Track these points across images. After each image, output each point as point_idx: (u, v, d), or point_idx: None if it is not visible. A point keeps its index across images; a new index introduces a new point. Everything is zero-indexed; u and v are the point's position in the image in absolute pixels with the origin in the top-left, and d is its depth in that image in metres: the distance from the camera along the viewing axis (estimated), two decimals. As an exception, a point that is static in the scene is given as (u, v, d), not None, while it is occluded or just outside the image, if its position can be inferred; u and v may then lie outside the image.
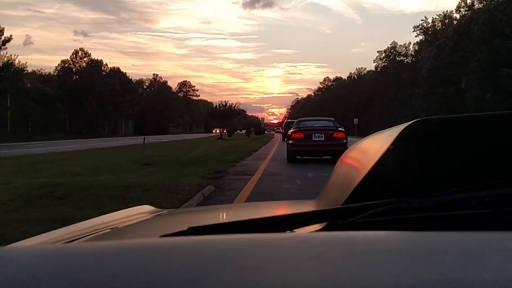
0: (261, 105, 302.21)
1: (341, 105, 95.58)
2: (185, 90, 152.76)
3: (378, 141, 0.93)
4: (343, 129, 13.61)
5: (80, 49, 73.66)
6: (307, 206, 1.18)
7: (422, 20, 71.14)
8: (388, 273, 0.40)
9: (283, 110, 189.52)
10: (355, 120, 55.78)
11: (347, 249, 0.48)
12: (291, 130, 14.15)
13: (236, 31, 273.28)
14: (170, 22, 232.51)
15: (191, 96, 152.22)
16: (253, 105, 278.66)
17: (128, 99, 75.99)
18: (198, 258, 0.44)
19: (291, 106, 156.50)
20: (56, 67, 71.66)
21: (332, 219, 0.66)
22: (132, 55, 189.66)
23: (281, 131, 41.93)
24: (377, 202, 0.67)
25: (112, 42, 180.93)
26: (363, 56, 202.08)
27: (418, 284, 0.37)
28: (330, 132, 13.11)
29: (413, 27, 69.91)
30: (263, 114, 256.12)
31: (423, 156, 0.82)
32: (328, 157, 12.65)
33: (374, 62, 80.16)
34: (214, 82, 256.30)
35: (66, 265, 0.43)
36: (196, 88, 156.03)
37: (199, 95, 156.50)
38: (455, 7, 65.96)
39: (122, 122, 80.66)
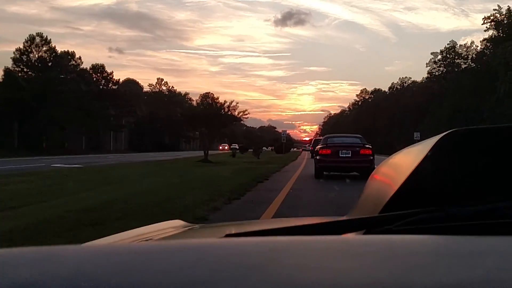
0: (293, 122, 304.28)
1: (382, 119, 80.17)
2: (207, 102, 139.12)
3: (411, 154, 0.94)
4: (370, 146, 13.75)
5: (38, 34, 51.72)
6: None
7: (494, 10, 55.11)
8: (428, 274, 0.40)
9: (315, 127, 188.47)
10: (416, 135, 42.24)
11: (387, 251, 0.48)
12: (318, 146, 14.42)
13: (269, 49, 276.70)
14: (204, 40, 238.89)
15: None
16: (284, 122, 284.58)
17: (121, 105, 61.09)
18: (245, 257, 0.45)
19: (323, 122, 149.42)
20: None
21: (370, 226, 0.66)
22: (166, 72, 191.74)
23: (310, 148, 41.57)
24: (413, 211, 0.67)
25: (148, 59, 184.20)
26: (396, 74, 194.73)
27: (459, 285, 0.37)
28: (357, 148, 13.36)
29: (482, 19, 54.02)
30: (294, 131, 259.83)
31: (458, 166, 0.83)
32: (355, 173, 13.05)
33: (427, 66, 64.86)
34: (247, 99, 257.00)
35: (116, 263, 0.44)
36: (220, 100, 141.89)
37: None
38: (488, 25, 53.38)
39: (111, 135, 65.07)
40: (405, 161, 0.93)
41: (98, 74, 62.66)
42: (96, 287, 0.37)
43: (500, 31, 51.81)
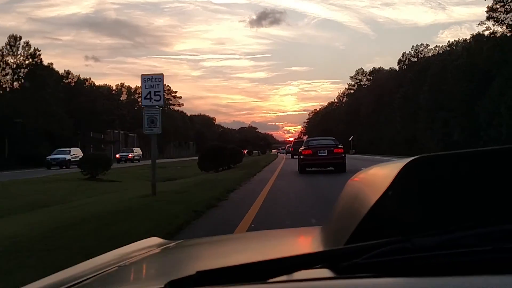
0: (276, 124, 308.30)
1: (386, 107, 57.00)
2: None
3: (382, 173, 0.96)
4: (342, 146, 17.62)
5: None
6: (315, 238, 1.19)
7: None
8: None
9: (299, 128, 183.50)
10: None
11: None
12: (301, 148, 18.21)
13: (249, 51, 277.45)
14: (184, 44, 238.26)
15: (172, 106, 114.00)
16: (268, 123, 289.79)
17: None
18: None
19: (308, 119, 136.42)
20: None
21: (337, 260, 0.67)
22: None
23: (290, 149, 46.11)
24: (380, 242, 0.68)
25: (128, 66, 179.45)
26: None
27: None
28: (332, 148, 17.09)
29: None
30: (278, 132, 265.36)
31: (423, 193, 0.83)
32: (331, 168, 16.95)
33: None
34: (230, 102, 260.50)
35: None
36: (178, 94, 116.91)
37: (182, 104, 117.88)
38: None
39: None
40: (376, 180, 0.92)
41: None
42: None
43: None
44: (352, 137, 67.93)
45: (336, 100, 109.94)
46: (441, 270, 0.61)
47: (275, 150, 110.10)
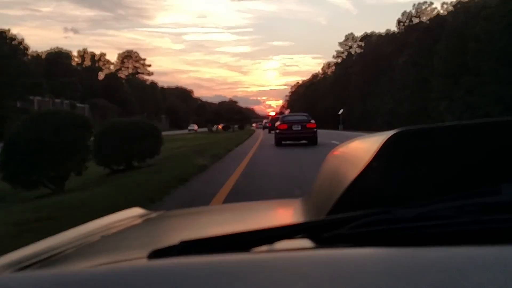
0: (258, 98, 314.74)
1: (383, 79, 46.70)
2: (131, 67, 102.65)
3: (364, 146, 0.96)
4: (314, 121, 18.67)
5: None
6: (296, 210, 1.22)
7: None
8: None
9: (280, 102, 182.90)
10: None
11: (330, 270, 0.50)
12: (277, 123, 19.61)
13: (232, 25, 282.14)
14: (166, 17, 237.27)
15: (142, 75, 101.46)
16: (250, 98, 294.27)
17: None
18: (180, 283, 0.46)
19: (290, 92, 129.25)
20: None
21: (319, 230, 0.68)
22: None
23: (268, 125, 47.02)
24: (361, 213, 0.69)
25: (110, 39, 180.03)
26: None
27: None
28: (305, 123, 18.39)
29: None
30: (260, 106, 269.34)
31: (405, 166, 0.84)
32: (304, 141, 18.17)
33: None
34: (212, 77, 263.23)
35: None
36: (148, 63, 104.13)
37: (152, 73, 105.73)
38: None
39: None
40: (358, 153, 0.93)
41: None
42: None
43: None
44: (342, 110, 57.27)
45: (320, 71, 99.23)
46: (420, 240, 0.62)
47: (255, 125, 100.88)
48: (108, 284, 0.47)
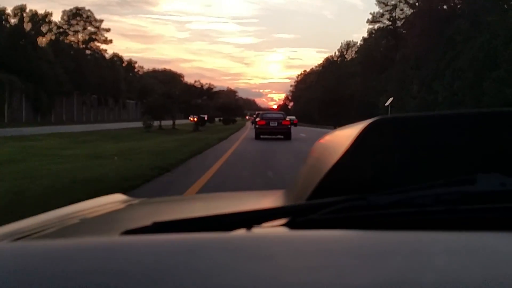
0: (261, 91, 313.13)
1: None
2: (81, 30, 71.59)
3: (344, 134, 0.98)
4: (288, 119, 23.59)
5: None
6: (275, 199, 1.25)
7: None
8: (335, 275, 0.41)
9: (282, 96, 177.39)
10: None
11: (299, 250, 0.50)
12: (257, 119, 24.11)
13: (237, 15, 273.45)
14: (171, 4, 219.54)
15: (97, 44, 74.45)
16: (253, 90, 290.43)
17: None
18: (150, 259, 0.46)
19: (296, 81, 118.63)
20: None
21: (294, 215, 0.69)
22: (132, 38, 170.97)
23: (252, 119, 49.71)
24: (337, 199, 0.70)
25: (113, 25, 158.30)
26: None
27: (363, 286, 0.38)
28: (280, 120, 22.62)
29: None
30: (262, 99, 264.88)
31: (382, 154, 0.85)
32: (280, 136, 22.22)
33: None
34: (215, 67, 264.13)
35: (12, 264, 0.44)
36: (107, 27, 77.42)
37: (111, 40, 75.88)
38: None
39: None
40: (338, 142, 0.95)
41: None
42: None
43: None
44: (391, 99, 36.75)
45: (337, 53, 79.06)
46: (392, 227, 0.62)
47: (247, 118, 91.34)
48: (77, 258, 0.47)
